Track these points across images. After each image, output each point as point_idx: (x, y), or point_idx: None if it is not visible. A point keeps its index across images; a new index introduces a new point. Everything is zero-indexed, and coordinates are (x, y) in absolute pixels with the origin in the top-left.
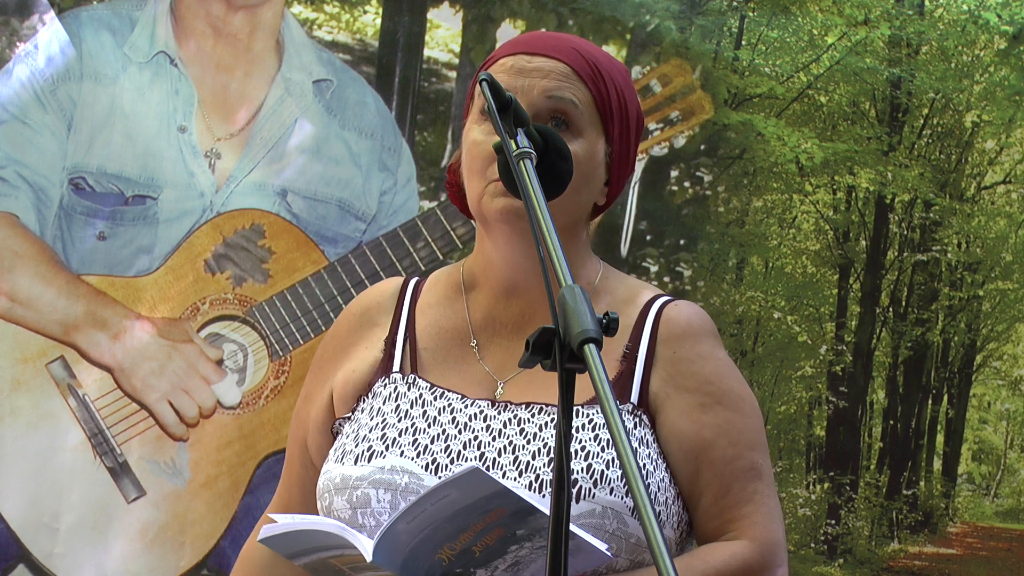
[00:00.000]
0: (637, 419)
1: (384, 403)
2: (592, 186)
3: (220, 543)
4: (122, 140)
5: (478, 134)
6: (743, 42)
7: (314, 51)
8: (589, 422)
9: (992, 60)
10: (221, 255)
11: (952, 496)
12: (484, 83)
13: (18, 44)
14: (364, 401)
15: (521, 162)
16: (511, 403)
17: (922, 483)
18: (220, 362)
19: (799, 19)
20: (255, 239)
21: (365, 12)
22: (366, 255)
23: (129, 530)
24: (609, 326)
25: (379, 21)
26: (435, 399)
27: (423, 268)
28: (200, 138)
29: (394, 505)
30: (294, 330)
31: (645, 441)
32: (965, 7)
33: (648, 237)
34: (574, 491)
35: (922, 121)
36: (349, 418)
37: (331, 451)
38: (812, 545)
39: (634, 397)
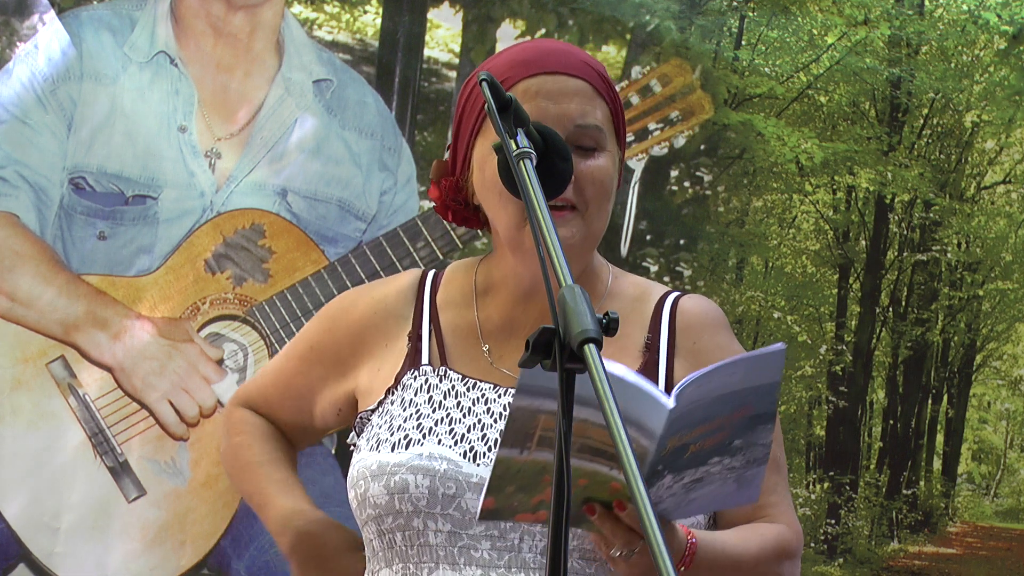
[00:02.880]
0: None
1: (416, 395)
2: (614, 195)
3: (220, 542)
4: (122, 140)
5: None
6: (743, 42)
7: (314, 51)
8: None
9: (992, 60)
10: (221, 255)
11: (952, 496)
12: (484, 83)
13: (18, 44)
14: (393, 393)
15: (521, 162)
16: None
17: (922, 483)
18: (220, 362)
19: (799, 19)
20: (255, 239)
21: (365, 12)
22: (366, 255)
23: (129, 529)
24: (609, 326)
25: (379, 21)
26: (468, 390)
27: (424, 268)
28: (200, 138)
29: (432, 490)
30: (294, 330)
31: None
32: (965, 7)
33: (648, 237)
34: None
35: (922, 121)
36: (376, 410)
37: (363, 440)
38: (812, 545)
39: (661, 385)
